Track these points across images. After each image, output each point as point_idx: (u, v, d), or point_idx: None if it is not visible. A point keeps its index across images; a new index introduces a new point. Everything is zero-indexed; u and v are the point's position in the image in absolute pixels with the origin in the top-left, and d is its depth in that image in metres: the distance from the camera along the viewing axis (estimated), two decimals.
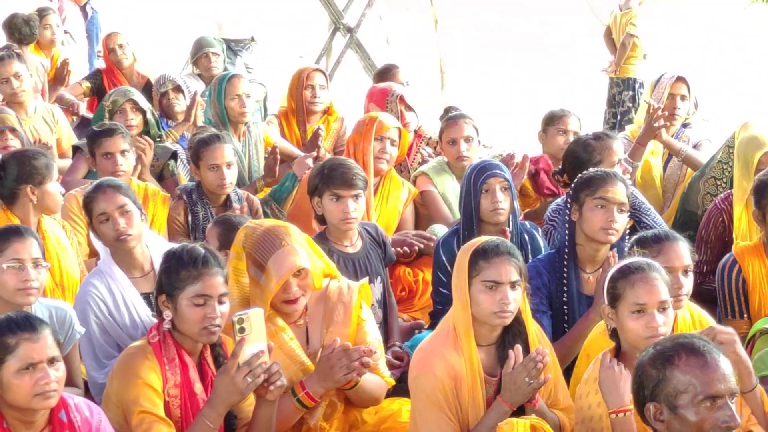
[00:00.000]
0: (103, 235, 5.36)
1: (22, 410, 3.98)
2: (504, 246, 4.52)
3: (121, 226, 5.31)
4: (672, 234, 4.95)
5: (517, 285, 4.47)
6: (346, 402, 4.85)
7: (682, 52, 15.49)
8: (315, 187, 5.72)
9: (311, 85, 8.21)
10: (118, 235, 5.31)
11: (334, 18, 12.02)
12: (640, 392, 3.60)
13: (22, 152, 5.96)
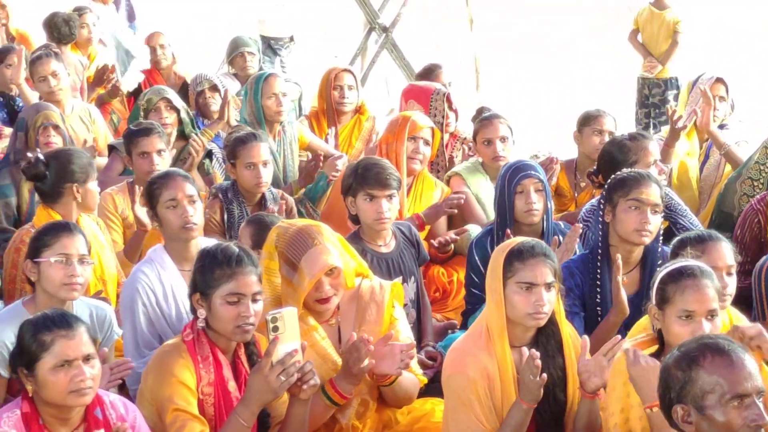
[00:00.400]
0: (168, 222, 5.39)
1: (57, 407, 4.01)
2: (539, 247, 4.52)
3: (189, 214, 5.36)
4: (715, 234, 4.91)
5: (552, 286, 4.47)
6: (378, 401, 4.86)
7: (718, 51, 15.40)
8: (349, 186, 5.73)
9: (339, 85, 8.22)
10: (184, 223, 5.36)
11: (369, 17, 12.02)
12: (667, 395, 3.59)
13: (67, 151, 5.99)
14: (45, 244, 4.88)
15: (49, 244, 4.88)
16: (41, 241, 4.91)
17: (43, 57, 8.23)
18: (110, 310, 5.18)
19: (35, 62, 8.20)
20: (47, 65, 8.14)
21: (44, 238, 4.91)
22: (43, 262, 4.85)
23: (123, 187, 6.63)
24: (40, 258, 4.86)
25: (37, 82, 8.18)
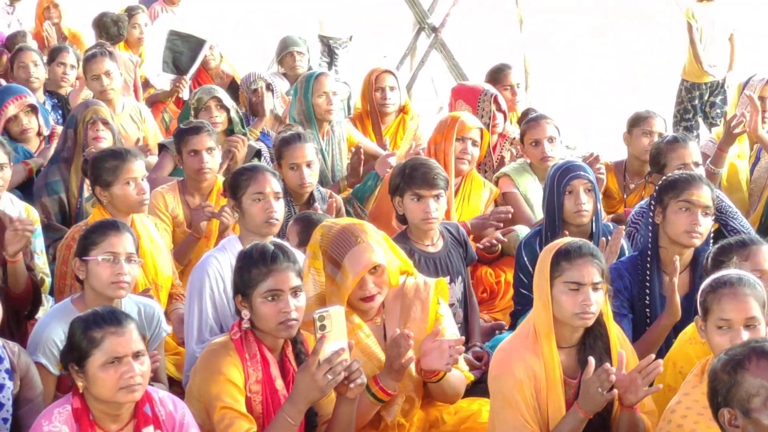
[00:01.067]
0: (251, 216, 5.44)
1: (107, 403, 4.05)
2: (586, 247, 4.50)
3: (275, 210, 5.42)
4: (756, 238, 4.90)
5: (599, 287, 4.45)
6: (425, 400, 4.86)
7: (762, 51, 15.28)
8: (396, 186, 5.74)
9: (381, 87, 8.23)
10: (267, 218, 5.43)
11: (418, 17, 12.02)
12: (714, 398, 3.58)
13: (99, 153, 6.03)
14: (93, 243, 4.92)
15: (96, 242, 4.91)
16: (89, 240, 4.94)
17: (97, 55, 8.29)
18: (158, 308, 5.21)
19: (89, 60, 8.27)
20: (101, 64, 8.20)
21: (92, 237, 4.94)
22: (90, 260, 4.89)
23: (173, 186, 6.66)
24: (88, 256, 4.90)
25: (90, 80, 8.24)
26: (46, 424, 4.03)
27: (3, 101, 7.59)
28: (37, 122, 7.70)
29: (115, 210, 5.79)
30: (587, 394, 4.34)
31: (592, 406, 4.35)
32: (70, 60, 8.96)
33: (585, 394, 4.35)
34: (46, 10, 11.26)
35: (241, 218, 5.52)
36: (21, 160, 7.37)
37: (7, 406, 4.47)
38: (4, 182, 6.17)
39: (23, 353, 4.61)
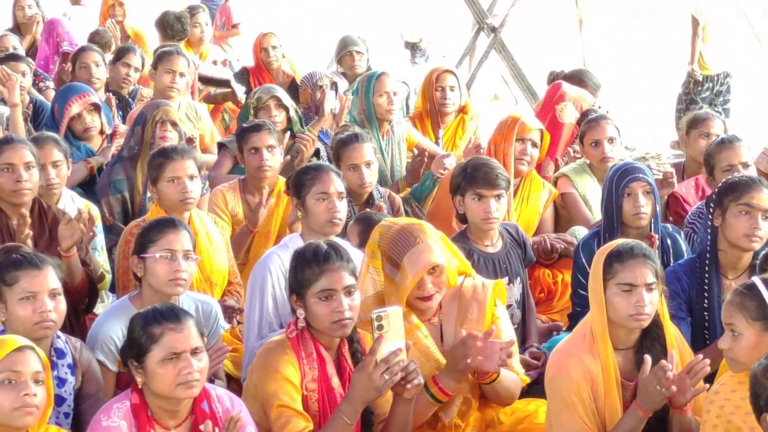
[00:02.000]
0: (315, 215, 5.45)
1: (165, 399, 4.08)
2: (639, 248, 4.48)
3: (338, 210, 5.44)
4: None
5: (654, 287, 4.43)
6: (481, 400, 4.86)
7: None
8: (457, 185, 5.73)
9: (441, 86, 8.22)
10: (331, 217, 5.44)
11: (478, 18, 12.00)
12: (757, 403, 3.57)
13: (154, 151, 6.09)
14: (150, 240, 4.94)
15: (154, 240, 4.94)
16: (147, 237, 4.97)
17: (173, 53, 8.34)
18: (216, 305, 5.22)
19: (165, 55, 8.29)
20: (177, 61, 8.24)
21: (149, 234, 4.97)
22: (148, 258, 4.92)
23: (234, 184, 6.69)
24: (145, 254, 4.92)
25: (162, 73, 8.26)
26: (105, 419, 4.07)
27: (67, 100, 7.65)
28: (99, 121, 7.76)
29: (167, 208, 5.84)
30: (646, 392, 4.33)
31: (651, 405, 4.34)
32: (135, 62, 9.00)
33: (644, 392, 4.33)
34: (111, 7, 11.36)
35: (304, 217, 5.53)
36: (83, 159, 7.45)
37: (69, 401, 4.53)
38: (61, 179, 6.23)
39: (85, 349, 4.66)
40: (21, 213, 5.51)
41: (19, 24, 11.39)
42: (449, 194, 5.91)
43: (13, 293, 4.43)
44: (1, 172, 5.66)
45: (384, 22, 18.40)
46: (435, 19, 18.38)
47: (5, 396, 3.88)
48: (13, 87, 7.28)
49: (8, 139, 5.86)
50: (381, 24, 17.76)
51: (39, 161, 5.83)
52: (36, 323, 4.41)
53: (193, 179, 5.83)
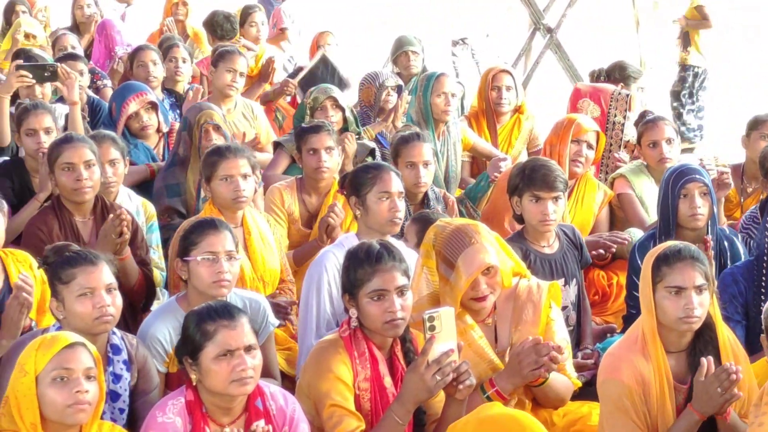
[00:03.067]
0: (375, 213, 5.44)
1: (219, 396, 4.11)
2: (687, 250, 4.44)
3: (399, 209, 5.43)
4: None
5: (704, 289, 4.39)
6: (534, 402, 4.84)
7: None
8: (515, 186, 5.71)
9: (498, 86, 8.20)
10: (392, 217, 5.43)
11: (534, 18, 11.97)
12: None
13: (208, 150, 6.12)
14: (192, 243, 4.92)
15: (196, 242, 4.92)
16: (189, 240, 4.95)
17: (234, 53, 8.37)
18: (265, 302, 5.21)
19: (225, 54, 8.33)
20: (237, 61, 8.27)
21: (191, 237, 4.94)
22: (191, 261, 4.91)
23: (291, 183, 6.69)
24: (188, 257, 4.92)
25: (222, 71, 8.29)
26: (160, 415, 4.10)
27: (124, 98, 7.71)
28: (156, 119, 7.81)
29: (220, 206, 5.86)
30: (705, 395, 4.28)
31: (708, 408, 4.30)
32: (181, 54, 9.05)
33: (703, 394, 4.29)
34: (175, 6, 11.44)
35: (363, 216, 5.52)
36: (143, 158, 7.50)
37: (124, 397, 4.56)
38: (118, 178, 6.28)
39: (141, 346, 4.69)
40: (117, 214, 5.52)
41: (78, 23, 11.50)
42: (504, 195, 5.91)
43: (71, 290, 4.46)
44: (62, 172, 5.72)
45: (393, 24, 18.39)
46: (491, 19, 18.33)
47: (58, 393, 3.92)
48: (72, 85, 7.34)
49: (68, 138, 5.91)
50: (390, 26, 17.72)
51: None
52: (96, 318, 4.44)
53: (246, 178, 5.83)
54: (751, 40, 18.60)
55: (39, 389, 3.92)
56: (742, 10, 19.93)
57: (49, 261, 4.60)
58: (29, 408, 3.91)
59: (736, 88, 14.66)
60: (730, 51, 16.51)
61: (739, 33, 18.66)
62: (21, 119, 6.71)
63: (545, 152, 6.89)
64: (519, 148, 8.22)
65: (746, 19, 19.68)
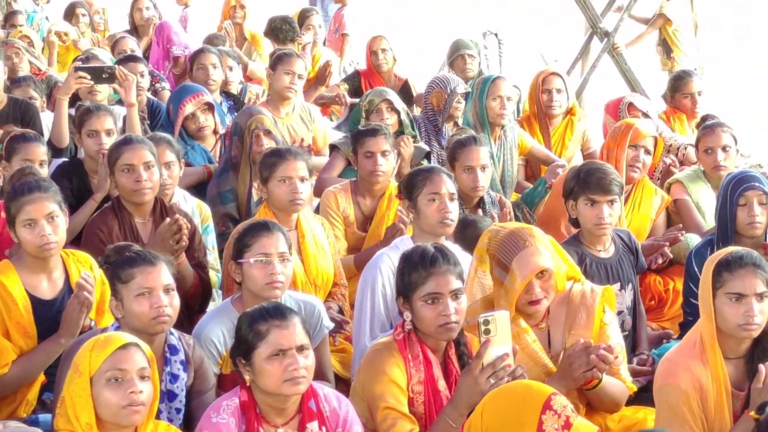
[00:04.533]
0: (426, 216, 5.46)
1: (273, 396, 4.12)
2: (749, 257, 4.41)
3: (450, 210, 5.44)
4: None
5: (765, 296, 4.36)
6: (588, 407, 4.83)
7: None
8: (570, 190, 5.70)
9: (548, 89, 8.19)
10: (443, 218, 5.44)
11: (591, 22, 11.91)
12: None
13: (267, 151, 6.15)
14: (245, 245, 4.94)
15: (249, 244, 4.93)
16: (242, 243, 4.96)
17: (292, 54, 8.42)
18: (319, 305, 5.23)
19: (285, 56, 8.35)
20: (295, 63, 8.28)
21: (244, 240, 4.96)
22: (244, 263, 4.92)
23: (346, 186, 6.71)
24: (241, 259, 4.93)
25: (281, 74, 8.31)
26: (214, 416, 4.13)
27: (181, 100, 7.77)
28: (213, 120, 7.86)
29: (275, 209, 5.88)
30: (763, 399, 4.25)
31: None
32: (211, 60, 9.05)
33: (760, 402, 4.25)
34: (232, 8, 11.51)
35: (416, 218, 5.54)
36: (200, 160, 7.56)
37: (181, 397, 4.59)
38: (173, 180, 6.32)
39: (198, 346, 4.72)
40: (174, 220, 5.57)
41: (137, 26, 11.61)
42: (560, 199, 5.89)
43: (129, 290, 4.50)
44: (122, 173, 5.76)
45: (396, 26, 18.37)
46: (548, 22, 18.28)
47: (112, 394, 3.95)
48: (129, 87, 7.40)
49: (127, 139, 5.96)
50: (393, 27, 17.68)
51: None
52: (152, 318, 4.47)
53: (303, 181, 5.85)
54: (742, 38, 18.51)
55: (94, 390, 3.96)
56: (733, 8, 19.85)
57: (111, 260, 4.65)
58: (84, 408, 3.95)
59: (727, 86, 14.59)
60: (721, 49, 16.40)
61: (730, 31, 18.57)
62: (83, 120, 6.78)
63: (602, 156, 6.85)
64: (572, 149, 8.21)
65: (737, 18, 19.60)
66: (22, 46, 9.48)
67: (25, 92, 8.15)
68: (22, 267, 5.12)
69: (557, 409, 3.63)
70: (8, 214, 5.14)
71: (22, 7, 13.24)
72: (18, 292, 5.06)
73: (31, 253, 5.08)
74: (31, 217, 5.04)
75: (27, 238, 5.05)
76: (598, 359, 4.51)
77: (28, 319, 5.07)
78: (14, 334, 5.04)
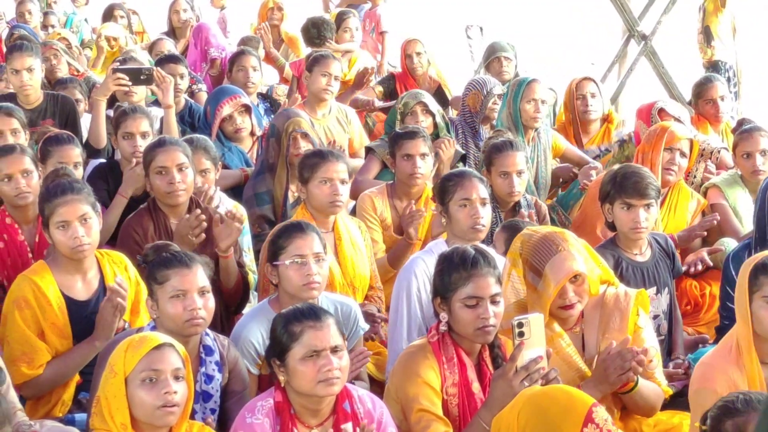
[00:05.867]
0: (457, 221, 5.47)
1: (308, 397, 4.13)
2: None
3: (481, 216, 5.44)
4: None
5: None
6: (623, 411, 4.81)
7: None
8: (607, 193, 5.69)
9: (582, 94, 8.17)
10: (474, 224, 5.44)
11: (628, 25, 11.86)
12: None
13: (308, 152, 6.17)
14: (280, 247, 4.95)
15: (284, 246, 4.94)
16: (277, 245, 4.98)
17: (329, 57, 8.43)
18: (355, 306, 5.24)
19: (320, 59, 8.37)
20: (331, 65, 8.30)
21: (279, 241, 4.97)
22: (280, 265, 4.94)
23: (382, 189, 6.71)
24: (277, 261, 4.95)
25: (317, 75, 8.32)
26: (249, 416, 4.14)
27: (219, 101, 7.80)
28: (250, 122, 7.89)
29: (313, 210, 5.89)
30: None
31: None
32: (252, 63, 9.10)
33: None
34: (270, 10, 11.54)
35: (448, 223, 5.55)
36: (237, 162, 7.58)
37: (216, 397, 4.61)
38: (209, 184, 6.34)
39: (232, 347, 4.74)
40: (195, 214, 5.60)
41: (174, 28, 11.67)
42: (595, 203, 5.88)
43: (164, 291, 4.52)
44: (156, 175, 5.80)
45: (429, 25, 18.30)
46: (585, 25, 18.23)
47: (147, 394, 3.96)
48: (167, 89, 7.43)
49: (161, 141, 5.99)
50: (426, 27, 17.63)
51: None
52: (186, 321, 4.49)
53: (343, 183, 5.87)
54: None
55: (128, 390, 3.98)
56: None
57: (149, 259, 4.67)
58: (119, 408, 3.97)
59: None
60: (761, 53, 16.24)
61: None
62: (119, 122, 6.81)
63: (637, 160, 6.82)
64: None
65: None
66: (61, 47, 9.54)
67: (71, 93, 8.23)
68: (57, 268, 5.17)
69: (599, 423, 3.62)
70: (42, 216, 5.19)
71: (61, 9, 13.34)
72: (53, 293, 5.10)
73: (65, 254, 5.12)
74: (64, 219, 5.07)
75: (60, 239, 5.09)
76: (634, 363, 4.50)
77: (63, 320, 5.11)
78: (50, 335, 5.09)
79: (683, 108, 8.10)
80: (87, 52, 11.05)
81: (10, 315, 5.06)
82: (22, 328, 5.03)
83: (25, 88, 7.73)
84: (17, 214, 5.84)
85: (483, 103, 8.20)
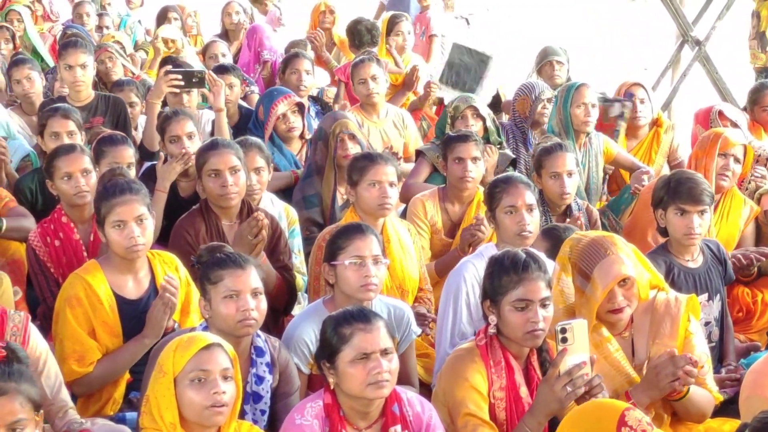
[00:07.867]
0: (505, 228, 5.49)
1: (357, 399, 4.14)
2: None
3: (527, 222, 5.45)
4: None
5: None
6: (673, 417, 4.78)
7: None
8: (660, 199, 5.65)
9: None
10: (520, 230, 5.46)
11: (682, 30, 11.79)
12: None
13: (357, 155, 6.18)
14: (339, 248, 4.97)
15: (343, 247, 4.96)
16: (336, 245, 5.00)
17: (366, 61, 8.42)
18: (408, 310, 5.25)
19: (355, 67, 8.41)
20: (369, 68, 8.31)
21: (338, 242, 4.99)
22: (338, 265, 4.96)
23: (433, 193, 6.70)
24: (335, 261, 4.97)
25: (357, 84, 8.36)
26: (298, 418, 4.16)
27: (273, 101, 7.82)
28: (302, 122, 7.91)
29: (362, 212, 5.89)
30: None
31: None
32: (305, 66, 9.11)
33: None
34: (322, 14, 11.56)
35: (496, 229, 5.55)
36: (287, 164, 7.60)
37: (266, 399, 4.64)
38: (261, 186, 6.38)
39: (283, 349, 4.76)
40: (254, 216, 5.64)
41: (227, 30, 11.72)
42: (647, 208, 5.85)
43: (217, 291, 4.55)
44: (208, 178, 5.84)
45: None
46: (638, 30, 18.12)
47: (196, 394, 4.00)
48: (218, 92, 7.48)
49: (213, 144, 6.03)
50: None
51: None
52: (239, 321, 4.51)
53: (392, 186, 5.87)
54: None
55: (177, 390, 4.01)
56: None
57: (203, 260, 4.70)
58: (168, 408, 4.00)
59: None
60: None
61: None
62: (164, 128, 6.86)
63: (690, 165, 6.78)
64: (660, 162, 8.13)
65: None
66: (115, 50, 9.61)
67: (127, 96, 8.29)
68: (108, 267, 5.21)
69: (633, 425, 3.60)
70: (98, 215, 5.23)
71: (115, 11, 13.43)
72: (104, 291, 5.15)
73: (119, 254, 5.16)
74: (120, 219, 5.12)
75: (116, 239, 5.13)
76: (684, 372, 4.47)
77: (114, 319, 5.16)
78: (101, 333, 5.14)
79: (740, 112, 8.04)
80: (141, 54, 11.11)
81: (62, 313, 5.12)
82: (74, 326, 5.09)
83: (78, 84, 7.81)
84: (73, 213, 5.90)
85: (532, 107, 8.18)
